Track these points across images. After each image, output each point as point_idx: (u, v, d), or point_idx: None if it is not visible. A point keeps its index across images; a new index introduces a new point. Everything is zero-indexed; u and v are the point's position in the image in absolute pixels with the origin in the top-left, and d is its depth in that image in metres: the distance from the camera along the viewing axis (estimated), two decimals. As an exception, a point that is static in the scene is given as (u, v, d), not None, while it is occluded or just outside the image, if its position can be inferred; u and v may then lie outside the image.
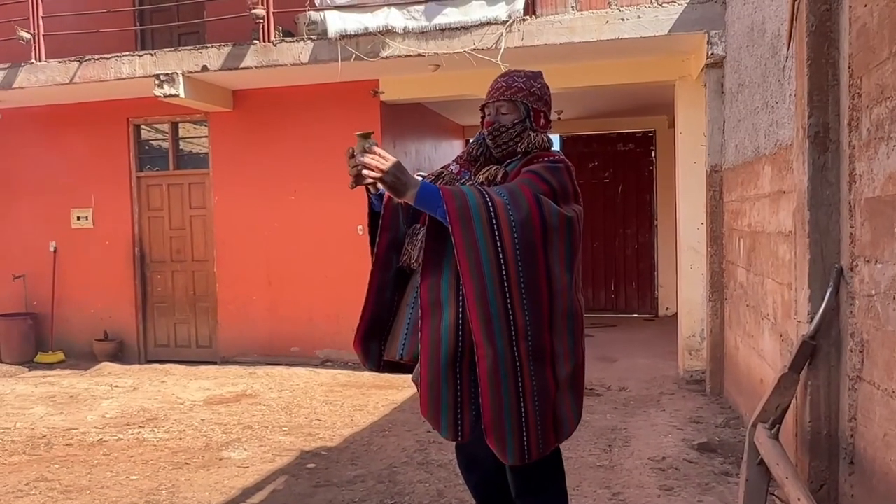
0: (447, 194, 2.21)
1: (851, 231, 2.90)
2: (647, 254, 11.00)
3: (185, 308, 8.63)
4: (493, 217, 2.19)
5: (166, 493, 4.20)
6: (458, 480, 4.10)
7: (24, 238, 8.80)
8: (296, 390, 6.78)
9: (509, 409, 2.20)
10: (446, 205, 2.18)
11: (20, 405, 6.42)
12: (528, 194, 2.25)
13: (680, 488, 4.04)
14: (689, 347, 6.82)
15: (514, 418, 2.21)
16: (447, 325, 2.26)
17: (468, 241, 2.18)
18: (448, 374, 2.25)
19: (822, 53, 3.07)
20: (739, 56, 5.37)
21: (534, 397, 2.23)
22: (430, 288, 2.29)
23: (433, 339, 2.27)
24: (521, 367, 2.20)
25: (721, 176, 6.06)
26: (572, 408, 2.42)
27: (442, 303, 2.28)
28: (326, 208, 7.80)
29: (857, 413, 2.84)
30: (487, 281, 2.18)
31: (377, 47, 6.74)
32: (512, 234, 2.19)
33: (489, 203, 2.20)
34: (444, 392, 2.26)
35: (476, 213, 2.18)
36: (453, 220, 2.18)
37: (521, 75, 2.55)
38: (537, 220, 2.23)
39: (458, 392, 2.26)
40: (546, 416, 2.28)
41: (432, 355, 2.26)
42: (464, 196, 2.21)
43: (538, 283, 2.23)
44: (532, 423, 2.23)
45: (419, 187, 2.21)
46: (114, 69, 7.45)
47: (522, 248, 2.20)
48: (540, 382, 2.25)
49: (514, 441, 2.23)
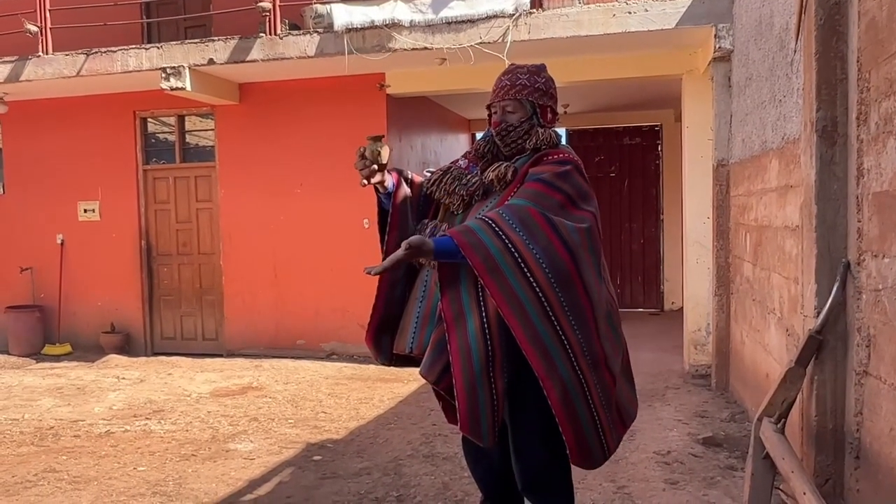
0: (464, 246, 2.22)
1: (859, 225, 2.89)
2: (653, 248, 10.98)
3: (191, 301, 8.66)
4: (520, 259, 2.21)
5: (173, 484, 4.22)
6: (463, 473, 4.11)
7: (32, 231, 8.83)
8: (302, 383, 6.80)
9: (588, 426, 2.28)
10: (470, 259, 2.21)
11: (28, 397, 6.46)
12: (539, 219, 2.26)
13: (685, 482, 4.05)
14: (694, 342, 6.81)
15: (593, 432, 2.30)
16: (473, 332, 2.28)
17: (505, 290, 2.21)
18: (483, 380, 2.28)
19: (831, 47, 3.06)
20: (747, 50, 5.35)
21: (602, 402, 2.32)
22: (451, 302, 2.32)
23: (463, 348, 2.28)
24: (587, 381, 2.27)
25: (728, 170, 6.04)
26: (630, 391, 2.57)
27: (465, 313, 2.30)
28: (332, 201, 7.81)
29: (863, 408, 2.84)
30: (534, 319, 2.21)
31: (383, 41, 6.73)
32: (541, 267, 2.22)
33: (509, 245, 2.22)
34: (482, 397, 2.28)
35: (502, 261, 2.21)
36: (482, 272, 2.21)
37: (524, 71, 2.54)
38: (558, 244, 2.25)
39: (493, 396, 2.29)
40: (613, 412, 2.38)
41: (465, 364, 2.28)
42: (482, 245, 2.22)
43: (579, 301, 2.28)
44: (606, 427, 2.34)
45: (435, 250, 2.24)
46: (120, 62, 7.46)
47: (555, 276, 2.23)
48: (603, 386, 2.33)
49: (597, 450, 2.34)
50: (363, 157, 2.39)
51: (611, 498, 3.86)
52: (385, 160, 2.44)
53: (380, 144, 2.34)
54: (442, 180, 2.52)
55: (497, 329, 2.26)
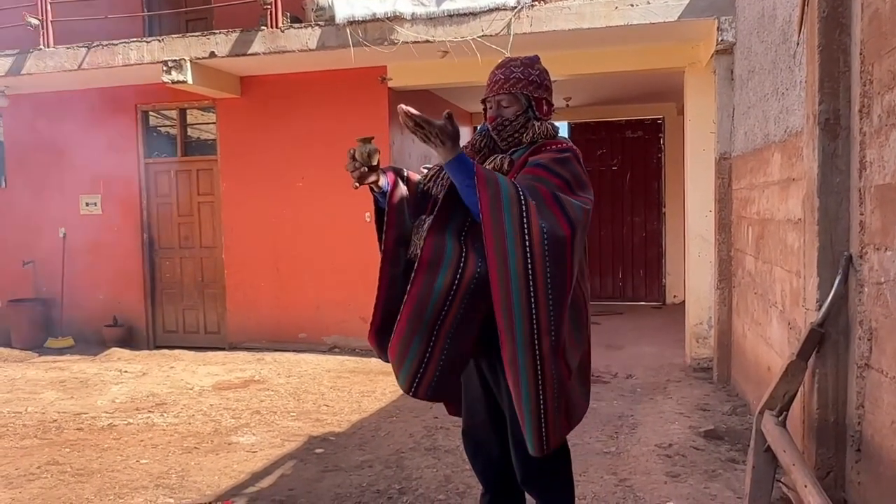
0: (481, 178, 2.22)
1: (861, 218, 2.89)
2: (655, 241, 10.97)
3: (193, 294, 8.67)
4: (525, 215, 2.20)
5: (176, 476, 4.24)
6: (465, 466, 4.12)
7: (34, 224, 8.84)
8: (304, 376, 6.82)
9: (528, 400, 2.24)
10: (479, 189, 2.21)
11: (31, 390, 6.47)
12: (548, 197, 2.26)
13: (686, 475, 4.05)
14: (696, 335, 6.81)
15: (533, 409, 2.24)
16: (440, 287, 2.27)
17: (497, 234, 2.20)
18: (424, 333, 2.28)
19: (834, 40, 3.05)
20: (749, 42, 5.33)
21: (554, 389, 2.27)
22: (433, 246, 2.30)
23: (422, 296, 2.28)
24: (543, 361, 2.23)
25: (730, 163, 6.04)
26: (582, 394, 2.48)
27: (442, 264, 2.29)
28: (334, 195, 7.80)
29: (864, 401, 2.84)
30: (512, 276, 2.20)
31: (385, 33, 6.72)
32: (541, 233, 2.21)
33: (522, 200, 2.22)
34: (415, 346, 2.29)
35: (507, 207, 2.20)
36: (484, 207, 2.21)
37: (517, 64, 2.53)
38: (564, 222, 2.24)
39: (427, 350, 2.29)
40: (560, 406, 2.32)
41: (416, 311, 2.28)
42: (497, 186, 2.22)
43: (564, 281, 2.26)
44: (550, 415, 2.27)
45: (457, 156, 2.24)
46: (122, 55, 7.45)
47: (551, 248, 2.21)
48: (558, 373, 2.28)
49: (532, 432, 2.27)
50: (354, 158, 2.40)
51: (612, 490, 3.87)
52: (376, 161, 2.45)
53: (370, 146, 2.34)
54: (439, 175, 2.52)
55: (462, 296, 2.26)
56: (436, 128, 2.18)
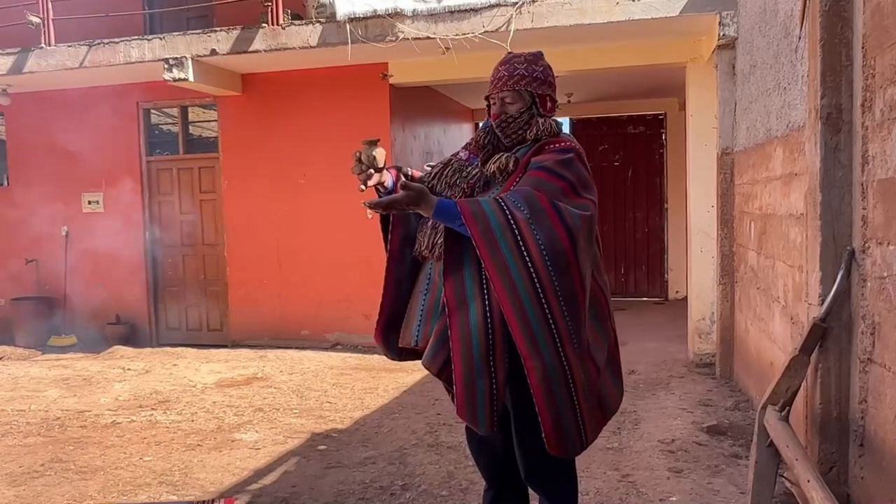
0: (467, 215, 2.23)
1: (863, 213, 2.88)
2: (657, 237, 10.96)
3: (195, 292, 8.68)
4: (519, 238, 2.21)
5: (179, 473, 4.25)
6: (468, 462, 4.12)
7: (36, 222, 8.84)
8: (306, 373, 6.82)
9: (566, 412, 2.27)
10: (470, 229, 2.21)
11: (34, 388, 6.49)
12: (545, 204, 2.26)
13: (689, 470, 4.05)
14: (698, 331, 6.81)
15: (571, 419, 2.28)
16: (475, 320, 2.28)
17: (499, 264, 2.21)
18: (483, 368, 2.27)
19: (836, 33, 3.04)
20: (751, 37, 5.32)
21: (584, 391, 2.30)
22: (454, 286, 2.31)
23: (464, 336, 2.28)
24: (570, 368, 2.25)
25: (732, 158, 6.02)
26: (614, 385, 2.54)
27: (468, 299, 2.30)
28: (336, 192, 7.79)
29: (867, 395, 2.84)
30: (524, 298, 2.21)
31: (386, 30, 6.71)
32: (540, 250, 2.21)
33: (511, 222, 2.22)
34: (480, 386, 2.28)
35: (501, 236, 2.21)
36: (479, 244, 2.21)
37: (521, 60, 2.52)
38: (562, 230, 2.24)
39: (493, 384, 2.28)
40: (593, 403, 2.36)
41: (465, 352, 2.28)
42: (485, 217, 2.22)
43: (574, 288, 2.26)
44: (586, 416, 2.32)
45: (436, 207, 2.24)
46: (123, 53, 7.45)
47: (553, 260, 2.22)
48: (587, 375, 2.31)
49: (574, 438, 2.31)
50: (360, 161, 2.40)
51: (615, 486, 3.87)
52: (381, 163, 2.45)
53: (375, 148, 2.34)
54: (443, 173, 2.51)
55: (499, 318, 2.26)
56: (402, 202, 2.21)
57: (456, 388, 2.31)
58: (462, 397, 2.30)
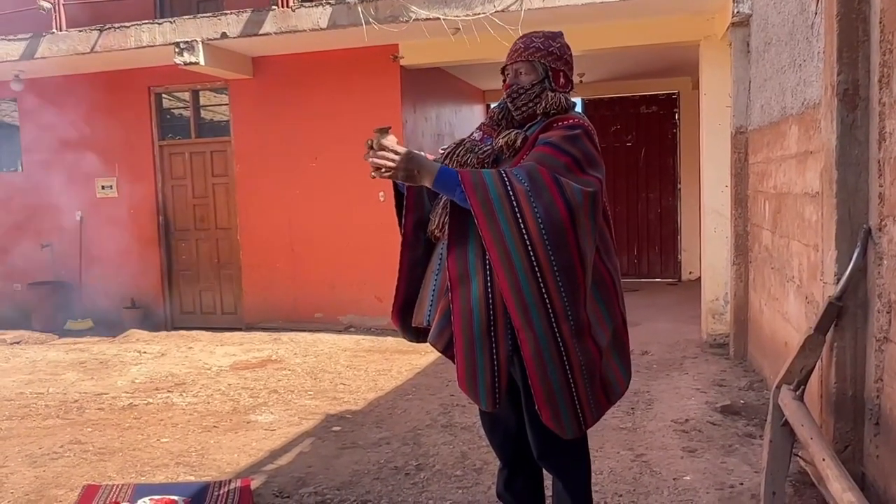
0: (467, 184, 2.22)
1: (880, 190, 2.85)
2: (671, 218, 10.90)
3: (209, 275, 8.73)
4: (517, 208, 2.20)
5: (196, 454, 4.30)
6: (481, 442, 4.14)
7: (51, 208, 8.90)
8: (320, 355, 6.86)
9: (559, 387, 2.25)
10: (469, 198, 2.21)
11: (52, 371, 6.56)
12: (546, 178, 2.24)
13: (703, 450, 4.06)
14: (712, 311, 6.78)
15: (566, 395, 2.27)
16: (477, 294, 2.29)
17: (496, 235, 2.20)
18: (483, 343, 2.28)
19: (853, 8, 2.99)
20: (766, 14, 5.25)
21: (582, 371, 2.28)
22: (456, 259, 2.32)
23: (465, 310, 2.29)
24: (566, 346, 2.24)
25: (746, 137, 5.97)
26: (620, 369, 2.50)
27: (470, 273, 2.30)
28: (348, 174, 7.79)
29: (883, 374, 2.82)
30: (519, 271, 2.20)
31: (397, 11, 6.66)
32: (537, 223, 2.20)
33: (510, 193, 2.21)
34: (480, 360, 2.29)
35: (499, 207, 2.20)
36: (477, 213, 2.20)
37: (539, 36, 2.53)
38: (561, 204, 2.23)
39: (494, 360, 2.29)
40: (595, 385, 2.33)
41: (465, 326, 2.29)
42: (485, 187, 2.22)
43: (572, 264, 2.25)
44: (584, 396, 2.30)
45: (436, 174, 2.24)
46: (134, 37, 7.45)
47: (550, 235, 2.21)
48: (586, 356, 2.29)
49: (569, 416, 2.30)
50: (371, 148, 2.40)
51: (629, 466, 3.88)
52: None
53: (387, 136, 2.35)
54: (455, 152, 2.52)
55: (501, 294, 2.26)
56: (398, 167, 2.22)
57: (457, 361, 2.33)
58: (462, 370, 2.32)
